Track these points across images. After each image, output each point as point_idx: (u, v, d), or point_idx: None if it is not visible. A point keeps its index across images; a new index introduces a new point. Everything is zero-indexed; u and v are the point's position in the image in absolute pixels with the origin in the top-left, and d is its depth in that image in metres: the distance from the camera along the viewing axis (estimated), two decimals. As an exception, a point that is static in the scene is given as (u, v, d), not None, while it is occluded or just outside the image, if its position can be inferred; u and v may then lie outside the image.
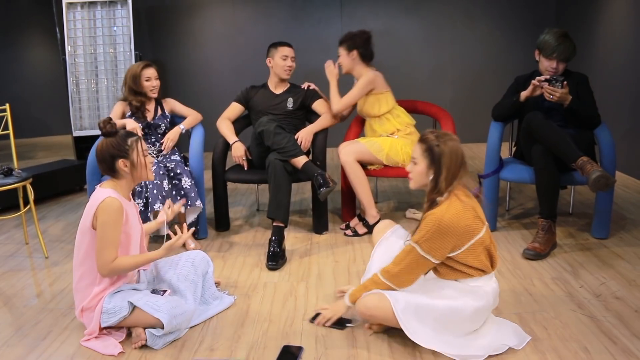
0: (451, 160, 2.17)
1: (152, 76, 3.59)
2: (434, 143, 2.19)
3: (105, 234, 2.27)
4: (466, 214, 2.15)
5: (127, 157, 2.36)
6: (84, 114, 5.31)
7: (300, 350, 2.23)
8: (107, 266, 2.28)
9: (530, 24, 6.39)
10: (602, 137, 3.33)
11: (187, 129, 3.68)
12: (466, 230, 2.15)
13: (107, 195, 2.29)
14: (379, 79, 3.66)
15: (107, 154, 2.36)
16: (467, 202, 2.18)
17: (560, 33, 3.29)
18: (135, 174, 2.40)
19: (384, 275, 2.23)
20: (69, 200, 4.77)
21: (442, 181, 2.18)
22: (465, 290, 2.22)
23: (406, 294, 2.20)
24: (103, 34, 5.30)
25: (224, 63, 6.67)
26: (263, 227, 3.88)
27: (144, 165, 2.41)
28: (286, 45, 3.76)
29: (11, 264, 3.35)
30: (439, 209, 2.16)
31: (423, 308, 2.17)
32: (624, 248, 3.25)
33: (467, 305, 2.17)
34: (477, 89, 6.53)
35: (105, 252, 2.27)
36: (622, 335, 2.29)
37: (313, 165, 3.40)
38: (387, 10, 6.50)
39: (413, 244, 2.18)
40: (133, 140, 2.39)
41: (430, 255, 2.16)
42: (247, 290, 2.85)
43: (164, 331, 2.27)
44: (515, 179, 3.45)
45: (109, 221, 2.27)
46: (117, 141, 2.36)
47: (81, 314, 2.38)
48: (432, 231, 2.13)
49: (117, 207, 2.28)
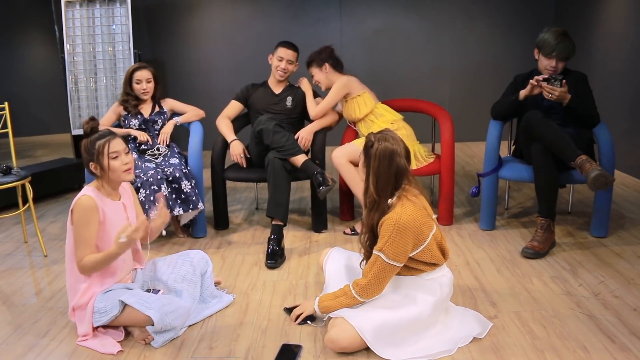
0: (379, 166, 2.18)
1: (142, 79, 3.57)
2: (371, 142, 2.22)
3: (77, 232, 2.29)
4: (419, 213, 2.19)
5: (95, 160, 2.35)
6: (83, 113, 5.31)
7: (299, 348, 2.24)
8: (79, 264, 2.30)
9: (529, 23, 6.40)
10: (601, 135, 3.33)
11: (182, 122, 3.68)
12: (422, 229, 2.19)
13: (83, 194, 2.31)
14: (353, 82, 3.67)
15: (82, 156, 2.39)
16: (417, 201, 2.21)
17: (559, 32, 3.29)
18: (108, 176, 2.38)
19: (354, 288, 2.23)
20: (67, 198, 4.76)
21: (370, 185, 2.20)
22: (422, 286, 2.27)
23: (368, 314, 2.19)
24: (102, 32, 5.29)
25: (223, 61, 6.67)
26: (262, 225, 3.88)
27: (115, 168, 2.36)
28: (286, 47, 3.70)
29: (10, 262, 3.35)
30: (394, 212, 2.17)
31: (389, 324, 2.16)
32: (623, 247, 3.26)
33: (427, 302, 2.23)
34: (476, 87, 6.54)
35: (77, 250, 2.29)
36: (620, 334, 2.29)
37: (312, 164, 3.40)
38: (386, 8, 6.49)
39: (377, 252, 2.19)
40: (101, 143, 2.35)
41: (395, 261, 2.18)
42: (246, 288, 2.85)
43: (154, 329, 2.26)
44: (514, 178, 3.45)
45: (80, 219, 2.28)
46: (87, 145, 2.37)
47: (72, 313, 2.38)
48: (393, 235, 2.15)
49: (89, 205, 2.29)
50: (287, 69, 3.73)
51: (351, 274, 2.53)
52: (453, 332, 2.28)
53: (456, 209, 4.03)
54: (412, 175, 2.28)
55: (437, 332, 2.27)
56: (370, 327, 2.14)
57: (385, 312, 2.19)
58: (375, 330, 2.14)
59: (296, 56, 3.74)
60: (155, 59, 6.61)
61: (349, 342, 2.14)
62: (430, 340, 2.23)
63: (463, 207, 4.12)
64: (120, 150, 2.38)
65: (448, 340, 2.23)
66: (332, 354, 2.20)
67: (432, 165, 3.63)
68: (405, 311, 2.20)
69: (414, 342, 2.20)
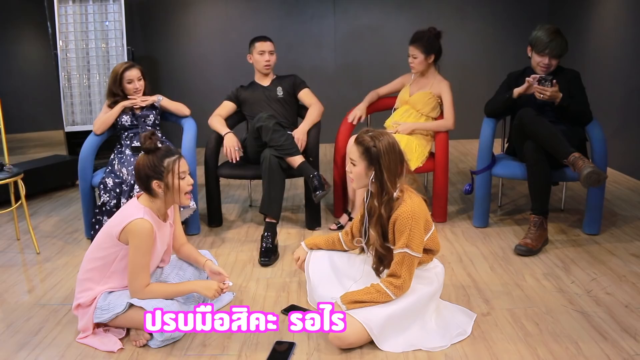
0: (390, 160, 2.20)
1: (134, 78, 3.52)
2: (370, 144, 2.21)
3: (137, 259, 2.23)
4: (424, 203, 2.27)
5: (162, 179, 2.27)
6: (76, 109, 5.28)
7: (292, 346, 2.24)
8: (141, 291, 2.26)
9: (522, 21, 6.41)
10: (593, 133, 3.35)
11: (163, 105, 3.64)
12: (428, 216, 2.28)
13: (139, 217, 2.23)
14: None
15: (142, 172, 2.27)
16: (415, 192, 2.28)
17: (552, 29, 3.30)
18: (169, 197, 2.31)
19: (389, 288, 2.21)
20: (60, 196, 4.74)
21: (386, 182, 2.21)
22: (418, 277, 2.31)
23: (372, 309, 2.20)
24: (95, 29, 5.27)
25: (217, 58, 6.65)
26: (256, 222, 3.88)
27: (178, 189, 2.30)
28: (262, 40, 3.74)
29: (2, 259, 3.33)
30: (405, 205, 2.20)
31: (392, 317, 2.19)
32: (615, 244, 3.27)
33: (424, 292, 2.28)
34: (470, 85, 6.54)
35: (138, 277, 2.25)
36: (612, 330, 2.31)
37: (309, 167, 3.40)
38: (379, 6, 6.49)
39: (403, 250, 2.19)
40: (170, 160, 2.27)
41: (418, 252, 2.21)
42: (240, 286, 2.85)
43: (165, 336, 2.23)
44: (508, 175, 3.46)
45: (140, 246, 2.22)
46: (153, 161, 2.26)
47: (76, 308, 2.37)
48: (412, 228, 2.18)
49: (149, 231, 2.22)
50: (270, 60, 3.76)
51: (339, 274, 2.53)
52: (446, 326, 2.30)
53: (450, 206, 4.04)
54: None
55: (432, 325, 2.29)
56: (377, 321, 2.16)
57: (387, 306, 2.20)
58: (381, 325, 2.16)
59: (274, 46, 3.79)
60: (148, 56, 6.58)
61: (356, 338, 2.16)
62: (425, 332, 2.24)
63: (456, 205, 4.13)
64: (187, 170, 2.33)
65: (442, 336, 2.24)
66: (325, 351, 2.20)
67: (426, 163, 3.63)
68: (406, 302, 2.22)
69: (412, 332, 2.23)
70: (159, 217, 2.36)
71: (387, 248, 2.30)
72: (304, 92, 3.84)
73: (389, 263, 2.29)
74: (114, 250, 2.29)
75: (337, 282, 2.49)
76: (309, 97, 3.82)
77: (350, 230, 2.55)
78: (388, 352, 2.17)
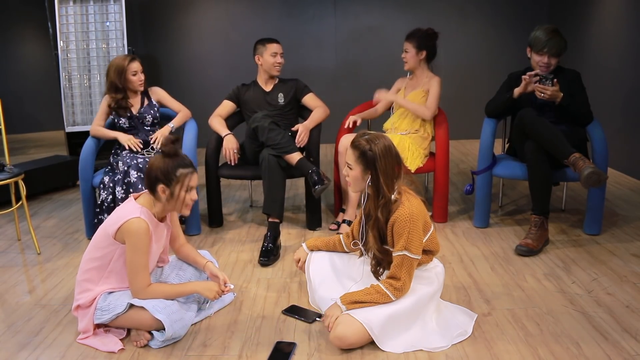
0: (386, 163, 2.20)
1: (138, 70, 3.53)
2: (366, 148, 2.21)
3: (135, 259, 2.23)
4: (422, 204, 2.27)
5: (169, 186, 2.27)
6: (77, 110, 5.29)
7: (293, 346, 2.24)
8: (143, 291, 2.26)
9: (523, 21, 6.41)
10: (594, 133, 3.35)
11: (176, 127, 3.65)
12: (427, 217, 2.27)
13: (135, 216, 2.23)
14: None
15: (153, 173, 2.27)
16: (413, 191, 2.28)
17: (550, 29, 3.30)
18: (170, 204, 2.32)
19: (389, 289, 2.21)
20: (61, 196, 4.74)
21: (382, 186, 2.21)
22: (418, 277, 2.31)
23: (372, 309, 2.20)
24: (96, 29, 5.27)
25: (218, 59, 6.65)
26: (256, 223, 3.88)
27: (182, 201, 2.31)
28: (274, 42, 3.72)
29: (3, 260, 3.33)
30: (403, 208, 2.19)
31: (392, 317, 2.19)
32: (616, 244, 3.27)
33: (425, 292, 2.28)
34: (470, 85, 6.54)
35: (138, 277, 2.25)
36: (613, 331, 2.30)
37: (307, 162, 3.40)
38: (380, 6, 6.49)
39: (402, 252, 2.19)
40: (183, 172, 2.28)
41: (417, 254, 2.22)
42: (241, 286, 2.85)
43: (166, 336, 2.23)
44: (508, 176, 3.46)
45: (137, 245, 2.22)
46: (167, 166, 2.26)
47: (76, 309, 2.37)
48: (410, 230, 2.18)
49: (145, 231, 2.22)
50: (282, 62, 3.75)
51: (339, 275, 2.53)
52: (447, 326, 2.30)
53: (450, 206, 4.04)
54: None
55: (432, 326, 2.29)
56: (377, 321, 2.16)
57: (387, 306, 2.20)
58: (382, 325, 2.16)
59: (282, 47, 3.79)
60: (149, 56, 6.58)
61: (357, 338, 2.16)
62: (426, 332, 2.24)
63: (457, 205, 4.13)
64: (195, 185, 2.34)
65: (443, 336, 2.24)
66: (326, 351, 2.20)
67: (426, 163, 3.64)
68: (406, 302, 2.22)
69: (413, 333, 2.23)
70: (156, 217, 2.36)
71: (385, 251, 2.30)
72: (309, 96, 3.82)
73: (387, 265, 2.30)
74: (110, 249, 2.29)
75: (338, 283, 2.49)
76: (314, 101, 3.81)
77: (351, 233, 2.55)
78: (389, 352, 2.17)
